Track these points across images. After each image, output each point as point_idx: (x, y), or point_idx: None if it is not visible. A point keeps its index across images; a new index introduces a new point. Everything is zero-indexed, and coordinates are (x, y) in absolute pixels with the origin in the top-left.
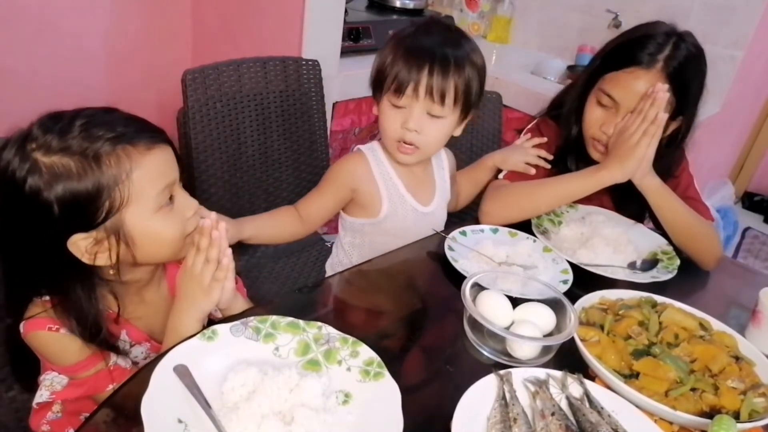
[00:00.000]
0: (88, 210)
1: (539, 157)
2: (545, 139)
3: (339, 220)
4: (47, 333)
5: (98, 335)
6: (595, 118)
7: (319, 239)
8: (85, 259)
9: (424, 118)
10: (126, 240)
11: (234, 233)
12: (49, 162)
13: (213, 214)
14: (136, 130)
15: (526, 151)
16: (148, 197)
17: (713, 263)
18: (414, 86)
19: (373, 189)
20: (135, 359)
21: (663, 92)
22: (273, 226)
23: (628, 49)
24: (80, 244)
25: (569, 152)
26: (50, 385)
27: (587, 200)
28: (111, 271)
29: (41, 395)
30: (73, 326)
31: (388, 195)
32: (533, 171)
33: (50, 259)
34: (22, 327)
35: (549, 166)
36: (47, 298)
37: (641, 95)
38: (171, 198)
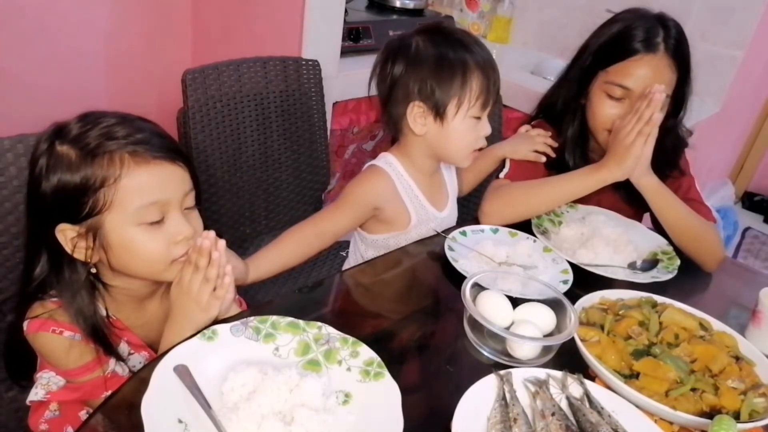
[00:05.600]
0: (75, 203)
1: (546, 144)
2: (549, 134)
3: (355, 235)
4: (51, 335)
5: (101, 336)
6: (610, 113)
7: None
8: (68, 249)
9: None
10: (102, 243)
11: (242, 274)
12: (60, 150)
13: (211, 233)
14: (149, 142)
15: (532, 140)
16: (129, 208)
17: (714, 265)
18: (494, 95)
19: (399, 204)
20: (133, 368)
21: (659, 93)
22: (281, 257)
23: (620, 41)
24: (66, 233)
25: (568, 151)
26: (46, 384)
27: (589, 198)
28: (92, 270)
29: (36, 393)
30: (78, 323)
31: (414, 207)
32: (543, 159)
33: (43, 241)
34: (25, 325)
35: (554, 155)
36: (53, 300)
37: (655, 81)
38: (163, 217)
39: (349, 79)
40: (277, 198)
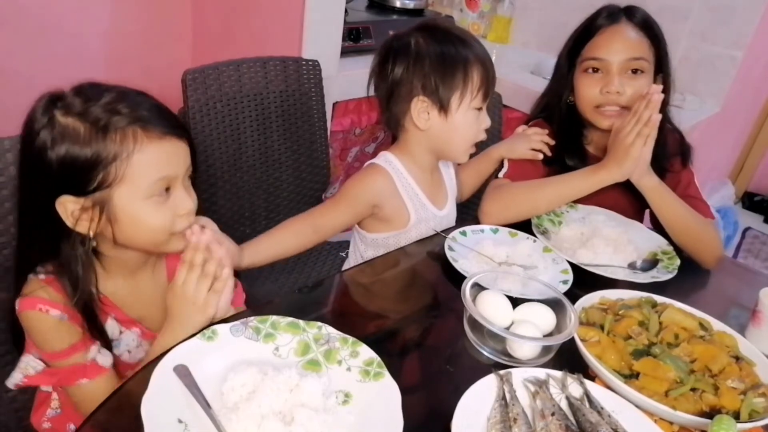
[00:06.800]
0: (83, 177)
1: (543, 142)
2: (546, 131)
3: (355, 235)
4: (37, 313)
5: (90, 310)
6: (591, 87)
7: None
8: (68, 222)
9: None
10: (109, 216)
11: (234, 258)
12: (64, 122)
13: (196, 228)
14: (156, 118)
15: (529, 138)
16: (141, 183)
17: (713, 262)
18: (493, 87)
19: (399, 202)
20: (128, 347)
21: (658, 94)
22: (276, 245)
23: (587, 26)
24: (67, 206)
25: (566, 149)
26: (24, 368)
27: (590, 195)
28: (93, 242)
29: (14, 377)
30: (71, 296)
31: (413, 206)
32: (540, 156)
33: (40, 215)
34: (17, 304)
35: (550, 154)
36: (48, 275)
37: (625, 45)
38: (168, 190)
39: (349, 79)
40: (277, 198)
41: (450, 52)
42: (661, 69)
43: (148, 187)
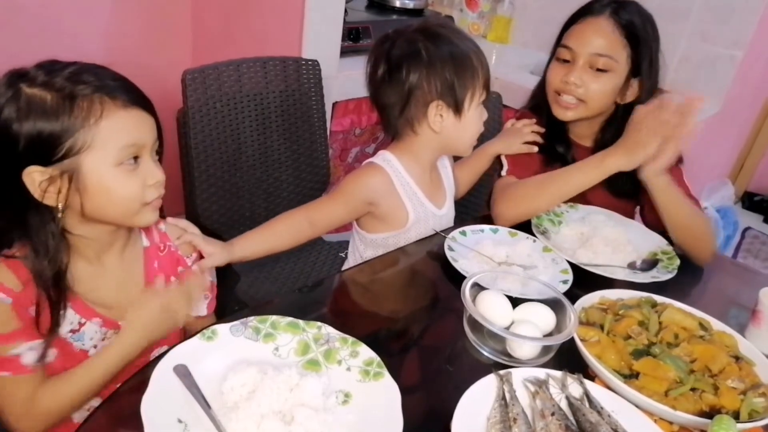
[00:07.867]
0: (51, 145)
1: (534, 132)
2: (534, 120)
3: (355, 235)
4: None
5: (59, 287)
6: (555, 74)
7: (319, 239)
8: (36, 194)
9: None
10: (78, 185)
11: (222, 258)
12: (30, 93)
13: (188, 224)
14: (121, 88)
15: (520, 132)
16: (111, 149)
17: (709, 258)
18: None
19: (396, 201)
20: (93, 341)
21: (699, 100)
22: (270, 238)
23: (577, 13)
24: (34, 177)
25: (555, 137)
26: None
27: (579, 196)
28: (59, 214)
29: None
30: (40, 275)
31: (412, 205)
32: (536, 149)
33: (6, 189)
34: None
35: (543, 141)
36: (13, 256)
37: (595, 41)
38: (137, 160)
39: (349, 79)
40: (277, 198)
41: (456, 52)
42: (639, 73)
43: (117, 152)
